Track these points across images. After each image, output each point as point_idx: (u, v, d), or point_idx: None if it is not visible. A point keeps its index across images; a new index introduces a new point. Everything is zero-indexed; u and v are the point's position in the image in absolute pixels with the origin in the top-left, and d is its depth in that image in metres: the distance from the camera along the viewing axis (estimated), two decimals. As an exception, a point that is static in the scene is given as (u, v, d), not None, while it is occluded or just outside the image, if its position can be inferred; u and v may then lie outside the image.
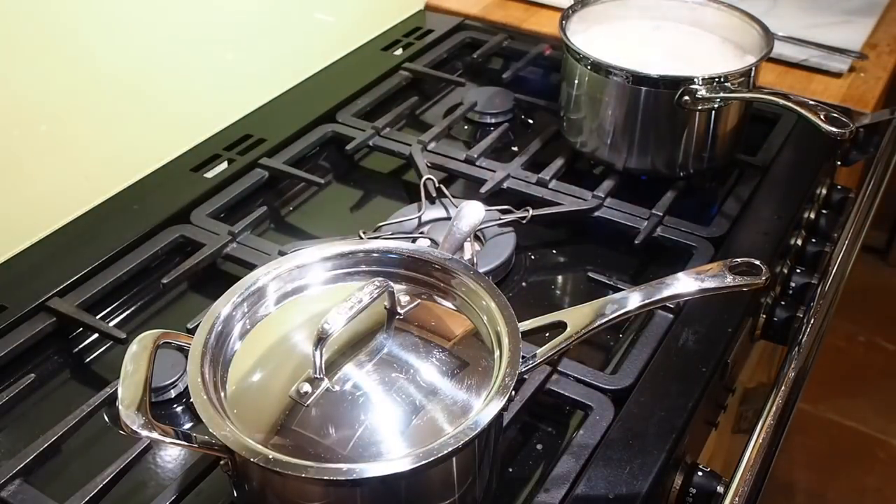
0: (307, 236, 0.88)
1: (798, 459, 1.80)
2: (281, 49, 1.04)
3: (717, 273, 0.57)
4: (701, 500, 0.66)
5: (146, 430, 0.49)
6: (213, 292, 0.74)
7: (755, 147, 0.95)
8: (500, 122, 1.04)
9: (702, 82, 0.83)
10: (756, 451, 0.64)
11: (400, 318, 0.57)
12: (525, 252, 0.84)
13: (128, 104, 0.87)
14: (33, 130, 0.79)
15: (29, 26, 0.76)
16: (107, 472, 0.60)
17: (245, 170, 0.92)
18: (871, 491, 1.77)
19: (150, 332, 0.56)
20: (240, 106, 1.00)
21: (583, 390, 0.67)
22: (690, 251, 0.81)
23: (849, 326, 2.08)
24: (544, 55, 1.14)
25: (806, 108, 0.79)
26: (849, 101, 1.05)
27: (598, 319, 0.56)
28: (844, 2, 1.23)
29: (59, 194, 0.83)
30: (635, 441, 0.63)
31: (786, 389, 0.69)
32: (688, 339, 0.71)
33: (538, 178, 0.90)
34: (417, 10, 1.25)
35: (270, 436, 0.51)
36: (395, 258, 0.61)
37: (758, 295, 0.80)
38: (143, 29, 0.86)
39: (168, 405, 0.69)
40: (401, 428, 0.51)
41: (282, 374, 0.54)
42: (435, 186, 0.86)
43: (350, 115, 1.01)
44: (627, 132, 0.88)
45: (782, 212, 0.86)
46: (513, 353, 0.54)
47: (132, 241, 0.81)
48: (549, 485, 0.60)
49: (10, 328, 0.73)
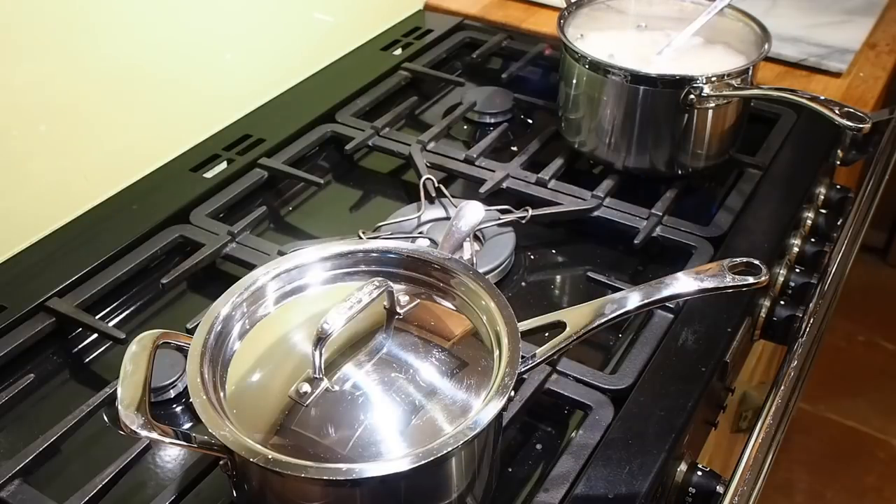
0: (306, 236, 0.88)
1: (798, 459, 1.80)
2: (280, 49, 1.04)
3: (717, 273, 0.57)
4: (700, 499, 0.66)
5: (146, 430, 0.49)
6: (212, 292, 0.74)
7: (755, 147, 0.95)
8: (499, 121, 1.04)
9: (705, 81, 0.83)
10: (755, 450, 0.64)
11: (399, 318, 0.57)
12: (524, 252, 0.84)
13: (127, 104, 0.87)
14: (33, 130, 0.79)
15: (29, 26, 0.76)
16: (106, 473, 0.60)
17: (244, 170, 0.92)
18: (870, 491, 1.77)
19: (149, 333, 0.56)
20: (239, 106, 1.00)
21: (582, 390, 0.67)
22: (690, 251, 0.81)
23: (848, 326, 2.08)
24: (543, 55, 1.14)
25: (818, 103, 0.78)
26: (848, 101, 1.04)
27: (598, 319, 0.56)
28: (844, 2, 1.24)
29: (59, 194, 0.83)
30: (635, 441, 0.63)
31: (785, 389, 0.69)
32: (687, 338, 0.71)
33: (537, 178, 0.90)
34: (416, 10, 1.25)
35: (270, 436, 0.51)
36: (394, 258, 0.61)
37: (757, 295, 0.80)
38: (143, 29, 0.86)
39: (167, 405, 0.69)
40: (400, 428, 0.51)
41: (281, 374, 0.54)
42: (434, 186, 0.86)
43: (349, 114, 1.01)
44: (626, 132, 0.88)
45: (782, 211, 0.86)
46: (512, 353, 0.53)
47: (132, 241, 0.81)
48: (549, 485, 0.60)
49: (9, 328, 0.73)
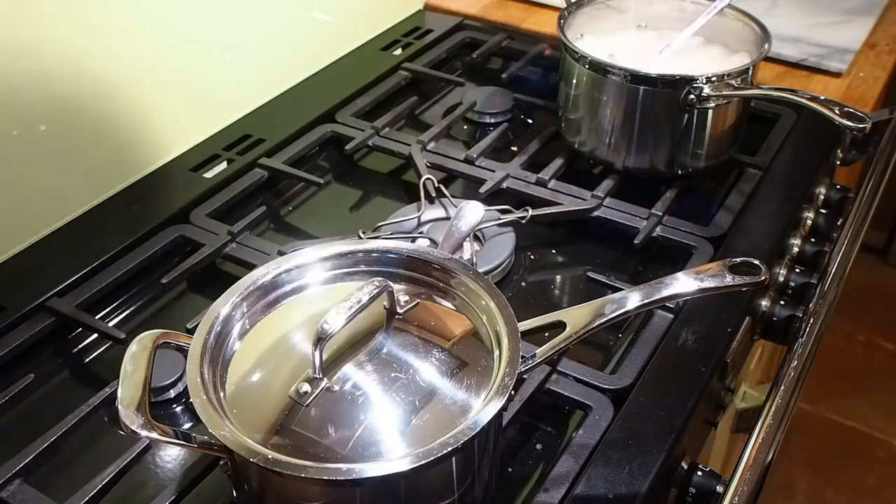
0: (306, 236, 0.88)
1: (798, 459, 1.80)
2: (280, 49, 1.04)
3: (717, 273, 0.57)
4: (700, 499, 0.66)
5: (145, 430, 0.49)
6: (212, 292, 0.74)
7: (754, 147, 0.95)
8: (499, 121, 1.04)
9: (705, 81, 0.83)
10: (755, 450, 0.64)
11: (399, 318, 0.57)
12: (524, 252, 0.84)
13: (127, 104, 0.87)
14: (33, 130, 0.79)
15: (28, 27, 0.76)
16: (106, 472, 0.60)
17: (244, 170, 0.92)
18: (870, 491, 1.77)
19: (149, 333, 0.56)
20: (239, 106, 1.00)
21: (582, 390, 0.67)
22: (690, 251, 0.81)
23: (849, 326, 2.08)
24: (543, 55, 1.14)
25: (818, 103, 0.78)
26: (848, 101, 1.04)
27: (598, 319, 0.56)
28: (844, 1, 1.23)
29: (59, 194, 0.83)
30: (635, 441, 0.63)
31: (785, 389, 0.69)
32: (687, 338, 0.71)
33: (537, 178, 0.90)
34: (416, 10, 1.25)
35: (270, 436, 0.51)
36: (394, 258, 0.61)
37: (757, 295, 0.80)
38: (143, 29, 0.86)
39: (167, 405, 0.69)
40: (400, 428, 0.51)
41: (281, 374, 0.54)
42: (434, 186, 0.86)
43: (349, 114, 1.01)
44: (626, 132, 0.88)
45: (782, 211, 0.86)
46: (512, 353, 0.53)
47: (132, 241, 0.81)
48: (549, 485, 0.60)
49: (9, 328, 0.73)
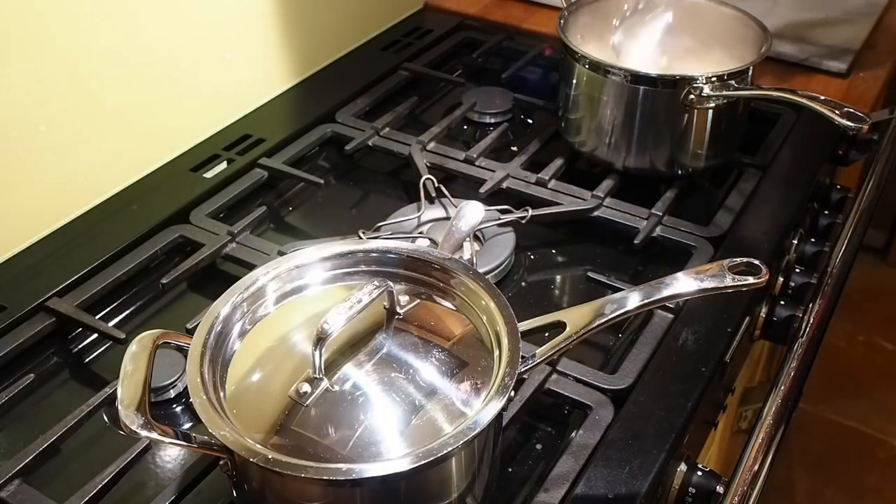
0: (306, 236, 0.87)
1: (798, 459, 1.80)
2: (280, 49, 1.04)
3: (717, 273, 0.57)
4: (700, 499, 0.66)
5: (145, 430, 0.49)
6: (212, 292, 0.74)
7: (755, 147, 0.95)
8: (499, 122, 1.04)
9: (705, 81, 0.83)
10: (755, 450, 0.64)
11: (399, 318, 0.57)
12: (524, 252, 0.84)
13: (127, 104, 0.87)
14: (33, 130, 0.79)
15: (28, 26, 0.76)
16: (106, 473, 0.60)
17: (244, 170, 0.92)
18: (870, 491, 1.77)
19: (149, 333, 0.56)
20: (239, 106, 1.00)
21: (582, 390, 0.67)
22: (690, 251, 0.81)
23: (848, 326, 2.08)
24: (543, 55, 1.14)
25: (818, 103, 0.78)
26: (848, 101, 1.04)
27: (598, 319, 0.56)
28: (844, 2, 1.23)
29: (59, 194, 0.83)
30: (635, 441, 0.63)
31: (785, 389, 0.69)
32: (687, 338, 0.71)
33: (537, 178, 0.90)
34: (416, 10, 1.25)
35: (270, 436, 0.51)
36: (394, 258, 0.61)
37: (757, 295, 0.80)
38: (143, 29, 0.86)
39: (167, 405, 0.69)
40: (400, 428, 0.51)
41: (281, 374, 0.54)
42: (434, 186, 0.86)
43: (349, 115, 1.01)
44: (626, 132, 0.88)
45: (782, 211, 0.86)
46: (512, 353, 0.53)
47: (132, 241, 0.81)
48: (549, 485, 0.60)
49: (9, 328, 0.73)
